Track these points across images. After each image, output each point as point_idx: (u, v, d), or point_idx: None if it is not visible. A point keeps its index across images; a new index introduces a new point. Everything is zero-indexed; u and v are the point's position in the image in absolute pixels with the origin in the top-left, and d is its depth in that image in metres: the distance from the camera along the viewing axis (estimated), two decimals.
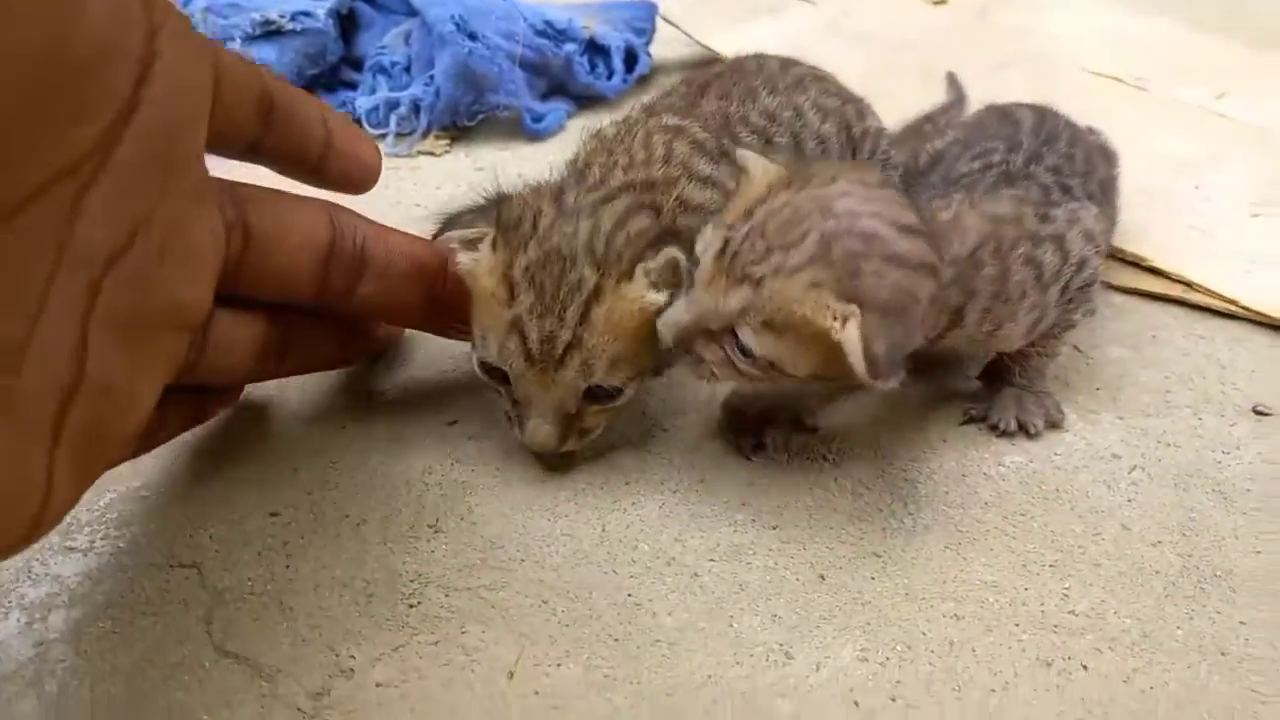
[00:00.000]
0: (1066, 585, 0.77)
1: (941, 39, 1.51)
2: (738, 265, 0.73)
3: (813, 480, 0.86)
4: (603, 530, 0.82)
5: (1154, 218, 1.12)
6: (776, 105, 0.99)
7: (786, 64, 1.06)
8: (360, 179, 0.80)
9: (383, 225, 0.83)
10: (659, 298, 0.78)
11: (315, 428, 0.92)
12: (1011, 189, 0.89)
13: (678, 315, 0.76)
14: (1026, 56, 1.46)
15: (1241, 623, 0.74)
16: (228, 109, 0.65)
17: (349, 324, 0.88)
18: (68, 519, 0.81)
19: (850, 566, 0.79)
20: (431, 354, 1.00)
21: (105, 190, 0.53)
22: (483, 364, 0.82)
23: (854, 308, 0.69)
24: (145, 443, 0.75)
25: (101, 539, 0.81)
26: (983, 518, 0.83)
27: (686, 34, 1.50)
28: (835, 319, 0.69)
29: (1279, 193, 1.18)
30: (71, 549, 0.80)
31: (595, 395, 0.81)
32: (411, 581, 0.77)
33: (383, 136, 1.34)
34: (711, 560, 0.79)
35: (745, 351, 0.74)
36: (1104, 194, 0.97)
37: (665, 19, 1.55)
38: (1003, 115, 1.05)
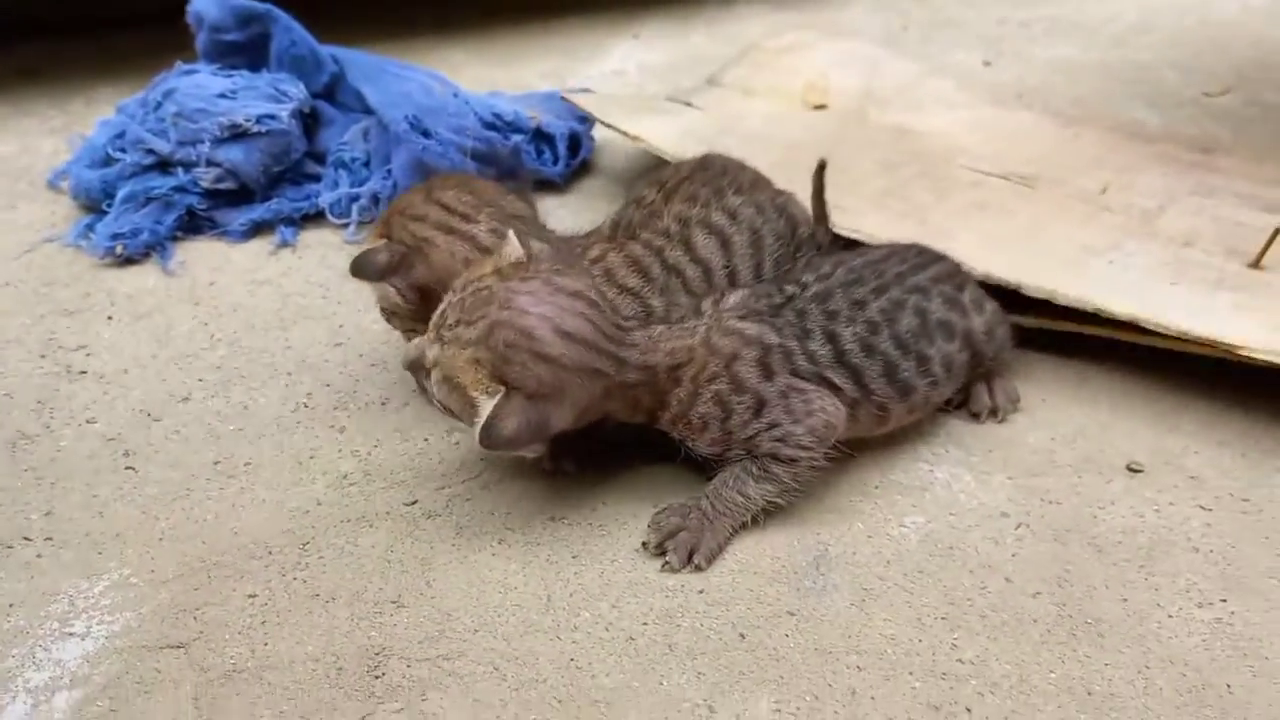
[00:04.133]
0: (956, 635, 0.88)
1: (831, 139, 1.50)
2: (439, 325, 0.90)
3: (738, 545, 0.96)
4: (549, 599, 0.92)
5: (1080, 283, 1.16)
6: (739, 203, 1.10)
7: (743, 164, 1.16)
8: None
9: None
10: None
11: (287, 510, 1.01)
12: (768, 321, 0.96)
13: (408, 349, 0.95)
14: (915, 155, 1.47)
15: (1107, 664, 0.85)
16: None
17: None
18: (66, 606, 0.91)
19: (768, 625, 0.89)
20: (392, 434, 1.10)
21: None
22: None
23: (499, 388, 0.86)
24: None
25: (97, 624, 0.90)
26: (885, 575, 0.94)
27: (599, 120, 1.53)
28: (483, 392, 0.87)
29: (1186, 265, 1.22)
30: (70, 634, 0.89)
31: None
32: (376, 654, 0.87)
33: (345, 225, 1.44)
34: (644, 624, 0.89)
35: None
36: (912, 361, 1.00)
37: (568, 102, 1.58)
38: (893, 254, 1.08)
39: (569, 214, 1.48)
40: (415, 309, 1.08)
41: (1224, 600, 0.91)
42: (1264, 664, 0.85)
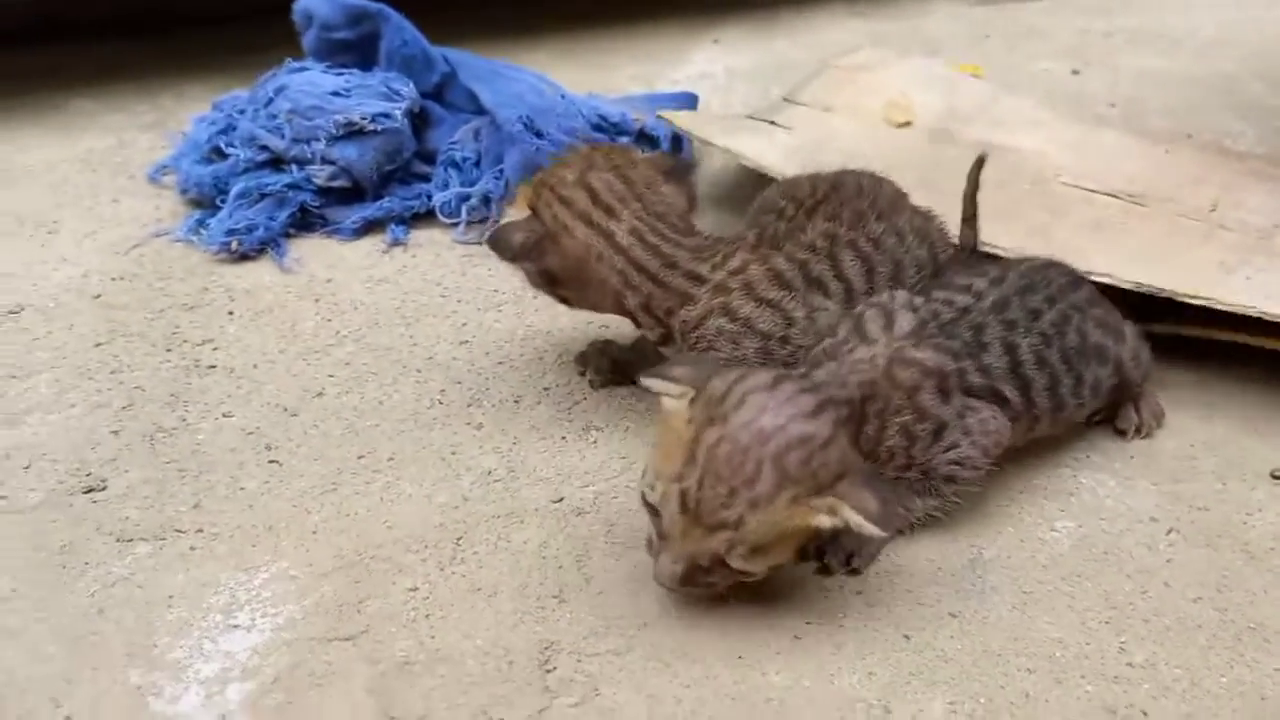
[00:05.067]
0: (1123, 639, 0.88)
1: (927, 157, 1.47)
2: (705, 514, 0.81)
3: (888, 551, 0.97)
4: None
5: (1228, 293, 1.14)
6: (882, 231, 1.07)
7: (879, 181, 1.14)
8: None
9: None
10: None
11: (436, 504, 1.02)
12: (945, 347, 0.95)
13: (670, 570, 0.85)
14: (1015, 172, 1.43)
15: (1276, 669, 0.85)
16: None
17: None
18: (227, 598, 0.92)
19: (931, 627, 0.89)
20: (530, 432, 1.11)
21: None
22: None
23: (830, 499, 0.81)
24: None
25: (261, 617, 0.91)
26: (1043, 578, 0.94)
27: (695, 137, 1.51)
28: (824, 513, 0.82)
29: None
30: (235, 626, 0.90)
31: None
32: (545, 648, 0.87)
33: (455, 224, 1.45)
34: (808, 623, 0.90)
35: (738, 570, 0.84)
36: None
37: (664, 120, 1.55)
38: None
39: None
40: (543, 290, 1.09)
41: None
42: None
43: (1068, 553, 0.97)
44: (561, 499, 1.03)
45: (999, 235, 1.23)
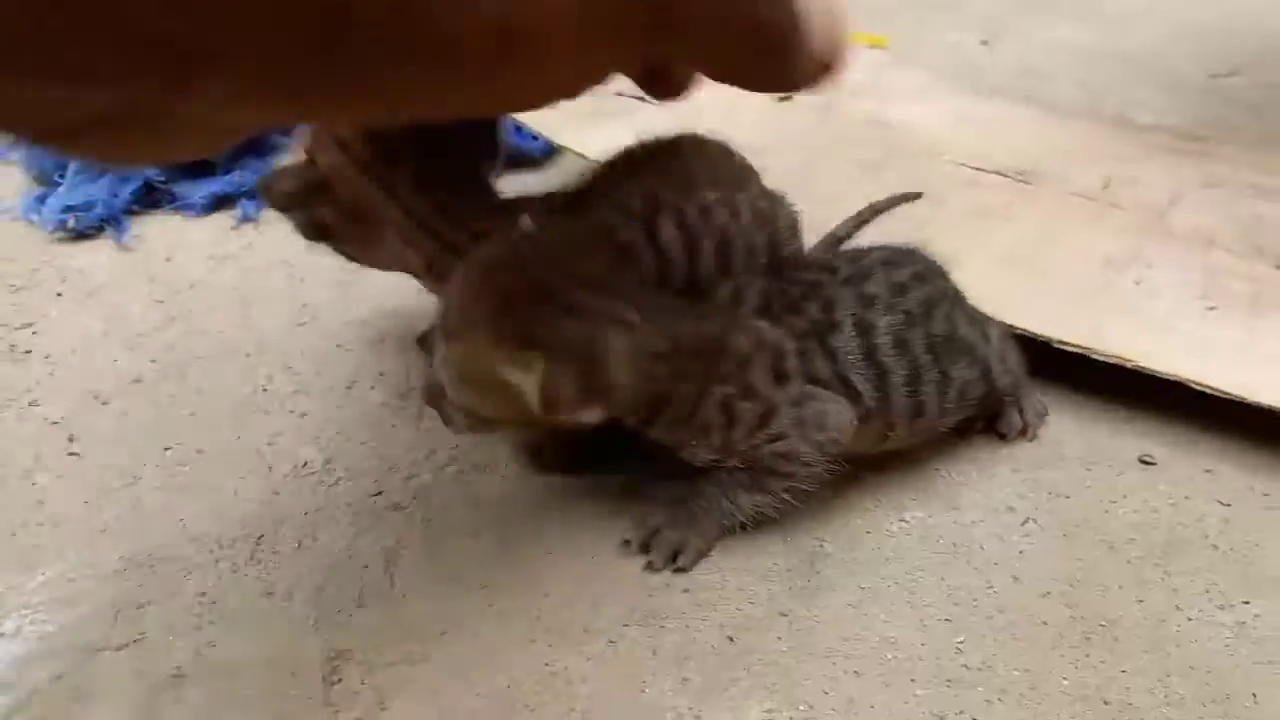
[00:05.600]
0: (960, 639, 0.82)
1: (802, 135, 1.40)
2: (444, 329, 0.78)
3: (727, 541, 0.90)
4: (525, 600, 0.85)
5: (1113, 323, 1.06)
6: (714, 201, 0.92)
7: (728, 151, 0.99)
8: None
9: None
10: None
11: (241, 501, 0.94)
12: (787, 321, 0.85)
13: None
14: (896, 151, 1.37)
15: (1124, 671, 0.79)
16: None
17: None
18: None
19: (759, 627, 0.83)
20: (357, 420, 1.03)
21: None
22: None
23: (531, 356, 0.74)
24: None
25: (29, 624, 0.83)
26: (884, 573, 0.87)
27: (538, 135, 1.40)
28: (515, 367, 0.74)
29: (1216, 275, 1.14)
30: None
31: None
32: (334, 659, 0.80)
33: None
34: (626, 626, 0.83)
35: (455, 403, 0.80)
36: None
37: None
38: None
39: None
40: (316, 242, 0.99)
41: (1246, 602, 0.85)
42: None
43: (915, 545, 0.90)
44: (380, 493, 0.95)
45: (878, 224, 1.17)
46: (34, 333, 1.15)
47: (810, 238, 1.07)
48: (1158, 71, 1.80)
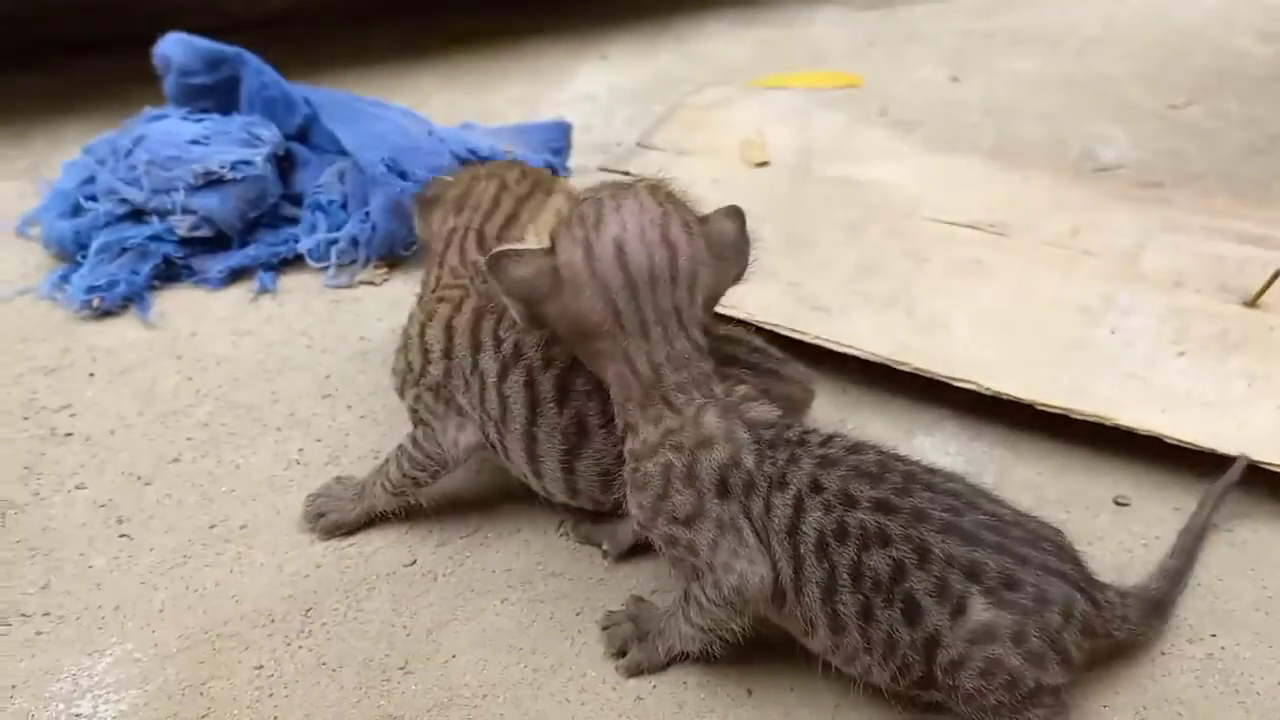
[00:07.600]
0: None
1: (784, 200, 1.46)
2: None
3: None
4: (558, 660, 0.92)
5: (1094, 372, 1.15)
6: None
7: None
8: None
9: None
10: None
11: (287, 574, 1.01)
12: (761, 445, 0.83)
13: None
14: (873, 210, 1.42)
15: (1105, 706, 0.88)
16: None
17: None
18: (70, 685, 0.90)
19: (775, 681, 0.90)
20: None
21: None
22: None
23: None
24: None
25: (104, 704, 0.89)
26: None
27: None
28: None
29: (1186, 317, 1.22)
30: (77, 715, 0.88)
31: None
32: None
33: (325, 269, 1.44)
34: (653, 684, 0.90)
35: None
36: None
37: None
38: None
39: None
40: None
41: (1214, 635, 0.93)
42: (1256, 700, 0.88)
43: None
44: (414, 561, 1.02)
45: (856, 320, 1.23)
46: (72, 415, 1.22)
47: (803, 305, 1.17)
48: (1117, 104, 1.89)
